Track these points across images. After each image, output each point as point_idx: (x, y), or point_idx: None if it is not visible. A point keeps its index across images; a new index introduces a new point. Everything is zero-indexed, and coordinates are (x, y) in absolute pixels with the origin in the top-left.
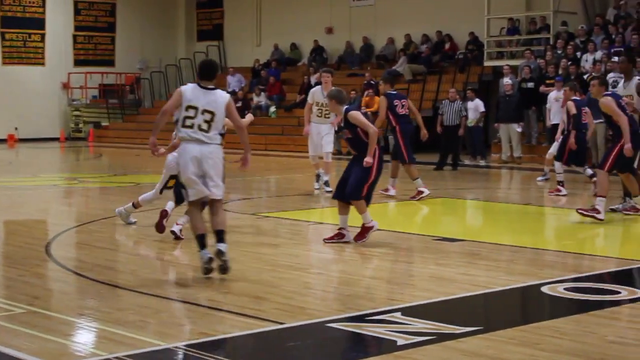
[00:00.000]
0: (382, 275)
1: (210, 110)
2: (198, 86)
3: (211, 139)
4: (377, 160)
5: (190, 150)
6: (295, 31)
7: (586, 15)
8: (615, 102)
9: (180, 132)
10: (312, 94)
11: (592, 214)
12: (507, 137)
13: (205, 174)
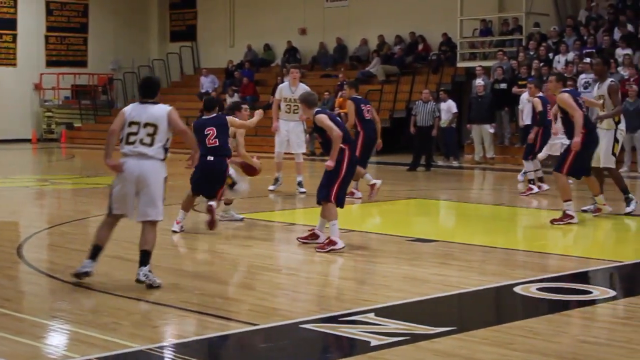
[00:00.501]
0: (356, 276)
1: (152, 123)
2: (139, 103)
3: (154, 153)
4: (347, 160)
5: (130, 166)
6: (268, 32)
7: (558, 16)
8: (572, 98)
9: (122, 149)
10: (279, 90)
11: (567, 221)
12: (479, 138)
13: (141, 192)
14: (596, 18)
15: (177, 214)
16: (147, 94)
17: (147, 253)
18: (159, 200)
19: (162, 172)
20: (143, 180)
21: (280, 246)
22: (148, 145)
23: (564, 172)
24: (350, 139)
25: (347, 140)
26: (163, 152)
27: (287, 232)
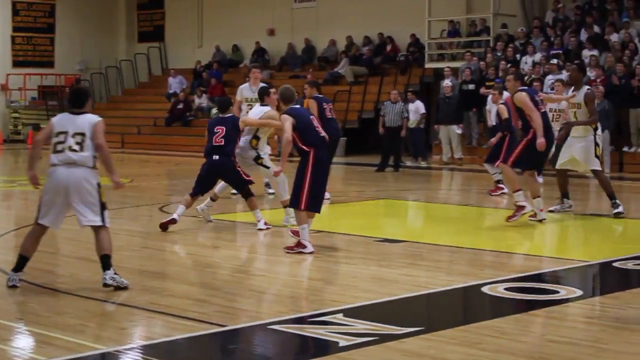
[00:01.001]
0: (324, 276)
1: (80, 132)
2: (68, 113)
3: (83, 160)
4: (311, 163)
5: (59, 176)
6: (237, 33)
7: (525, 18)
8: (529, 97)
9: (50, 158)
10: (240, 90)
11: (521, 213)
12: (447, 138)
13: (74, 201)
14: (563, 19)
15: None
16: (76, 104)
17: (108, 257)
18: (96, 207)
19: (94, 179)
20: (74, 188)
21: (248, 247)
22: (77, 152)
23: (509, 163)
24: (317, 141)
25: (312, 143)
26: (92, 159)
27: (255, 234)
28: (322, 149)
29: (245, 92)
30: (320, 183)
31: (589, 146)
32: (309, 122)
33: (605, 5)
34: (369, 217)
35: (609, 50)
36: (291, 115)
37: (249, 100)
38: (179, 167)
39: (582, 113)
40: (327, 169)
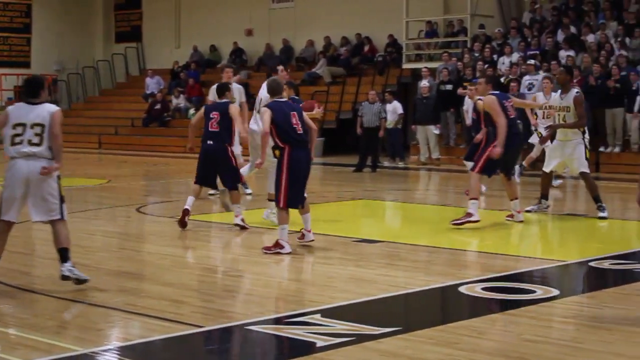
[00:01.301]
0: (302, 277)
1: (39, 123)
2: (25, 104)
3: (42, 153)
4: (286, 160)
5: (19, 168)
6: (214, 33)
7: (502, 18)
8: (498, 102)
9: (8, 151)
10: (212, 91)
11: (466, 219)
12: (424, 138)
13: (33, 194)
14: (540, 20)
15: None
16: (31, 94)
17: (66, 250)
18: (54, 199)
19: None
20: (34, 181)
21: (225, 248)
22: (37, 145)
23: (476, 171)
24: (292, 139)
25: (287, 141)
26: (50, 152)
27: (233, 234)
28: (297, 148)
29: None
30: (299, 179)
31: (580, 149)
32: (286, 119)
33: (582, 6)
34: (347, 217)
35: (586, 51)
36: (270, 109)
37: None
38: (156, 167)
39: (571, 116)
40: (304, 168)
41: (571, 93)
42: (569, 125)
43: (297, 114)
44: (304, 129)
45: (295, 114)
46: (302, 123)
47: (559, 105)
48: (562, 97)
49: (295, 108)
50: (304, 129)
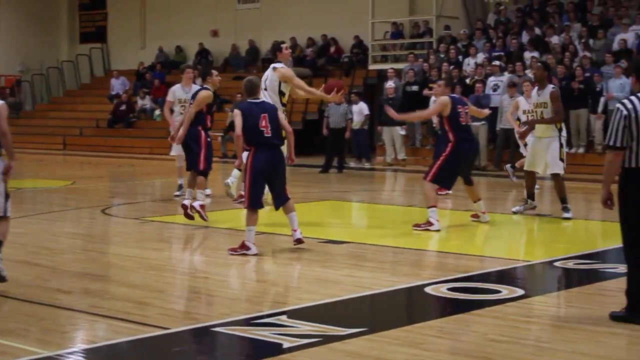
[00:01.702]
0: (268, 278)
1: None
2: None
3: None
4: (250, 161)
5: None
6: (180, 34)
7: (468, 20)
8: (450, 105)
9: None
10: (172, 92)
11: (426, 227)
12: (390, 140)
13: None
14: (505, 21)
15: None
16: None
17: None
18: (0, 197)
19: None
20: None
21: (191, 249)
22: None
23: (428, 179)
24: (258, 141)
25: (254, 142)
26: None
27: (199, 235)
28: (263, 149)
29: (177, 93)
30: (261, 182)
31: (555, 148)
32: (255, 121)
33: (546, 8)
34: (313, 218)
35: (550, 52)
36: (240, 110)
37: (183, 101)
38: (121, 169)
39: (549, 112)
40: (270, 170)
41: (547, 88)
42: (547, 121)
43: (267, 115)
44: (276, 131)
45: (266, 116)
46: (273, 125)
47: (536, 101)
48: (538, 93)
49: (267, 109)
50: (275, 130)
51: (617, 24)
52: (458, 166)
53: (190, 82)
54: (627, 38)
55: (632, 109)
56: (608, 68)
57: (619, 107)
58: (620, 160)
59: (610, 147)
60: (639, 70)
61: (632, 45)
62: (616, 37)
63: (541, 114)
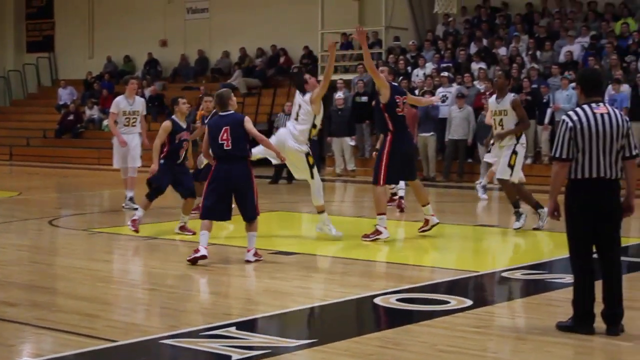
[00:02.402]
0: (217, 289)
1: None
2: None
3: None
4: (210, 174)
5: None
6: (128, 43)
7: (417, 31)
8: (390, 92)
9: None
10: (116, 103)
11: (375, 236)
12: (340, 150)
13: None
14: (453, 33)
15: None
16: None
17: None
18: None
19: None
20: None
21: (140, 261)
22: None
23: (380, 183)
24: (217, 154)
25: (215, 154)
26: None
27: (148, 247)
28: (223, 162)
29: (121, 104)
30: (217, 194)
31: (507, 155)
32: (216, 134)
33: (494, 19)
34: (263, 229)
35: (497, 64)
36: (208, 126)
37: (126, 112)
38: (69, 179)
39: (509, 120)
40: (229, 183)
41: (508, 97)
42: (515, 130)
43: (229, 128)
44: (237, 143)
45: (228, 129)
46: (234, 137)
47: (495, 109)
48: (498, 100)
49: (229, 122)
50: (237, 143)
51: (563, 36)
52: (402, 158)
53: (133, 93)
54: (573, 50)
55: (578, 121)
56: (555, 80)
57: (564, 119)
58: (566, 172)
59: (556, 159)
60: (584, 82)
61: (578, 57)
62: (562, 49)
63: (500, 121)
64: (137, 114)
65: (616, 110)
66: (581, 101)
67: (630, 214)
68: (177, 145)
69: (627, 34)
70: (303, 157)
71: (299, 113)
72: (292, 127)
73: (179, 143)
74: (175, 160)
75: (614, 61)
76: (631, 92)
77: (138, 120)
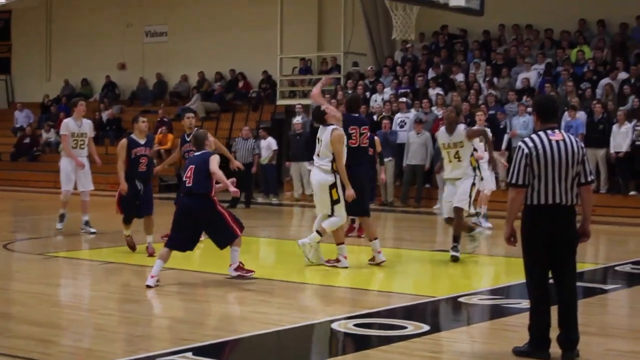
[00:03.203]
0: (174, 314)
1: None
2: None
3: None
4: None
5: None
6: (86, 66)
7: (375, 56)
8: (344, 122)
9: None
10: (65, 125)
11: (333, 263)
12: (298, 175)
13: None
14: (412, 59)
15: None
16: None
17: None
18: None
19: None
20: None
21: (96, 286)
22: None
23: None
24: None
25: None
26: None
27: (105, 271)
28: (184, 197)
29: (70, 126)
30: (179, 226)
31: (467, 184)
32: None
33: (452, 46)
34: (220, 254)
35: (455, 90)
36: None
37: (75, 134)
38: (25, 203)
39: (465, 151)
40: (189, 216)
41: (459, 128)
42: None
43: (194, 167)
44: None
45: (192, 167)
46: (197, 175)
47: (447, 142)
48: (449, 134)
49: (195, 161)
50: (198, 179)
51: (520, 63)
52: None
53: (81, 115)
54: (530, 77)
55: (533, 148)
56: (512, 106)
57: (520, 146)
58: (522, 198)
59: (512, 185)
60: (540, 109)
61: (534, 84)
62: (519, 75)
63: (456, 153)
64: (84, 136)
65: (572, 137)
66: (537, 128)
67: (586, 239)
68: (134, 160)
69: (583, 61)
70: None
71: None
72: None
73: (135, 158)
74: (134, 177)
75: (570, 88)
76: (587, 118)
77: (86, 143)
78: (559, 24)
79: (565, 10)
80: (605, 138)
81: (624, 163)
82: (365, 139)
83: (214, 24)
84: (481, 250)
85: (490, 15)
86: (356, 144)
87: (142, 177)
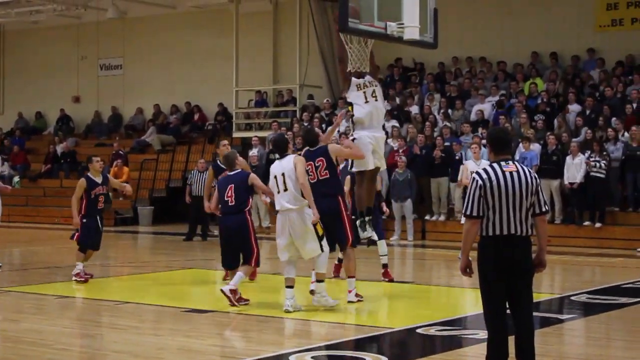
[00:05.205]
0: (130, 349)
1: None
2: None
3: None
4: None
5: None
6: (40, 99)
7: (331, 89)
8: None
9: None
10: None
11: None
12: (254, 207)
13: None
14: None
15: None
16: None
17: None
18: None
19: None
20: None
21: (51, 321)
22: None
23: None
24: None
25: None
26: None
27: (59, 305)
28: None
29: None
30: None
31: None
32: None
33: (407, 79)
34: (177, 287)
35: (411, 122)
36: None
37: None
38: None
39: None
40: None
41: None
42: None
43: (233, 186)
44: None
45: (232, 186)
46: (237, 194)
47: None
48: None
49: (233, 180)
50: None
51: (474, 95)
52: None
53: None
54: (484, 109)
55: (487, 179)
56: (467, 137)
57: (474, 177)
58: (477, 229)
59: (467, 216)
60: (493, 140)
61: (489, 116)
62: (474, 107)
63: None
64: None
65: (525, 168)
66: (491, 159)
67: (542, 269)
68: (93, 199)
69: (536, 93)
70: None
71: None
72: None
73: (94, 197)
74: (94, 215)
75: (524, 120)
76: (541, 150)
77: None
78: (512, 56)
79: (518, 43)
80: (559, 169)
81: (578, 194)
82: (322, 171)
83: (169, 56)
84: (439, 282)
85: (444, 47)
86: (314, 179)
87: (99, 213)
